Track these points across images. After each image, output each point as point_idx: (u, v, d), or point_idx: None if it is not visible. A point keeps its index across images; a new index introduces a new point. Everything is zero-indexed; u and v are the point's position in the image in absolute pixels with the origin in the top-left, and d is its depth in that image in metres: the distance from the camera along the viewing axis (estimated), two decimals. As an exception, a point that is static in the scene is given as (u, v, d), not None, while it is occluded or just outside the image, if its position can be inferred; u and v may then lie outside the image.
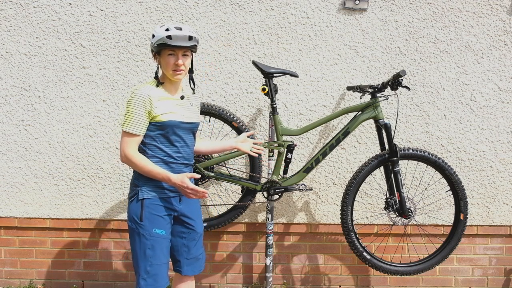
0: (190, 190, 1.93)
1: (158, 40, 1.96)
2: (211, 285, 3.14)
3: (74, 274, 3.14)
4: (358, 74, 2.99)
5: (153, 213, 2.02)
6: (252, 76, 2.99)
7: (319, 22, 2.96)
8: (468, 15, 2.97)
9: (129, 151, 1.97)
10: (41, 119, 3.01)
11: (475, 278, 3.15)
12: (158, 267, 2.04)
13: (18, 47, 2.98)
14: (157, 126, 2.00)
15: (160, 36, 1.95)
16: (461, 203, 2.70)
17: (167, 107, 2.01)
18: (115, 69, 2.98)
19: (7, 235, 3.11)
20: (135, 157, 1.97)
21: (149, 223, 2.01)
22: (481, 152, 3.04)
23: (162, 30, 1.97)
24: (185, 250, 2.17)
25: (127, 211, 2.08)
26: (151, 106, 1.96)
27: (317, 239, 3.12)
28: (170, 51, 1.98)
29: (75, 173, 3.05)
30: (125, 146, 1.98)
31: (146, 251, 2.01)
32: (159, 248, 2.03)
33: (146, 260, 2.02)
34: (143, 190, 2.02)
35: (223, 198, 3.05)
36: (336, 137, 2.67)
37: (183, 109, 2.08)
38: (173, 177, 1.95)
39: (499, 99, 3.02)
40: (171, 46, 1.96)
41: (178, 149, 2.06)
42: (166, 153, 2.04)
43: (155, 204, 2.03)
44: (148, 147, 2.03)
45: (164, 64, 2.00)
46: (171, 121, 2.00)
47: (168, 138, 2.03)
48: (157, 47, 1.97)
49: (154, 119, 1.98)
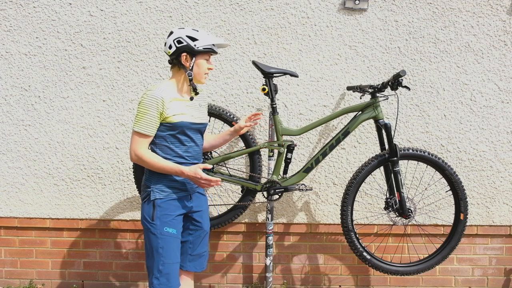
0: (204, 180, 2.01)
1: (206, 45, 2.06)
2: (211, 285, 3.14)
3: (74, 274, 3.14)
4: (358, 74, 2.99)
5: (164, 213, 2.07)
6: (252, 76, 2.99)
7: (319, 22, 2.96)
8: (468, 15, 2.97)
9: (140, 151, 2.03)
10: (41, 119, 3.01)
11: (475, 278, 3.15)
12: (170, 266, 2.08)
13: (18, 47, 2.98)
14: (168, 127, 2.05)
15: (209, 42, 2.06)
16: (461, 203, 2.70)
17: (178, 108, 2.06)
18: (115, 69, 2.98)
19: (7, 235, 3.11)
20: (146, 155, 2.03)
21: (160, 222, 2.06)
22: (481, 152, 3.04)
23: (206, 36, 2.08)
24: (190, 246, 2.22)
25: (141, 212, 2.14)
26: (164, 108, 2.01)
27: (317, 239, 3.12)
28: (207, 57, 2.10)
29: (75, 173, 3.05)
30: (136, 146, 2.03)
31: (158, 249, 2.06)
32: (171, 247, 2.08)
33: (158, 259, 2.07)
34: (155, 191, 2.08)
35: (223, 198, 3.05)
36: (336, 137, 2.67)
37: (193, 110, 2.14)
38: (186, 170, 2.02)
39: (499, 99, 3.02)
40: (214, 52, 2.09)
41: (187, 148, 2.12)
42: (177, 153, 2.09)
43: (167, 204, 2.08)
44: (158, 147, 2.09)
45: (198, 68, 2.10)
46: (182, 122, 2.06)
47: (178, 138, 2.09)
48: (201, 51, 2.05)
49: (165, 120, 2.04)
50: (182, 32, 2.07)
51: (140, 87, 2.99)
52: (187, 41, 2.05)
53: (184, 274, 2.26)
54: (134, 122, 2.03)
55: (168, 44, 2.08)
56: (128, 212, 3.06)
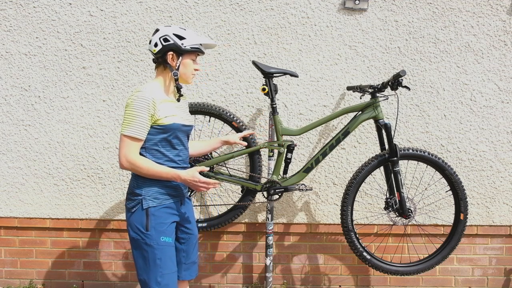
0: (202, 183, 1.91)
1: (193, 45, 1.98)
2: (211, 285, 3.14)
3: (74, 274, 3.14)
4: (358, 74, 2.99)
5: (159, 221, 1.95)
6: (252, 76, 2.99)
7: (319, 22, 2.96)
8: (468, 15, 2.97)
9: (132, 156, 1.89)
10: (41, 119, 3.01)
11: (475, 278, 3.15)
12: (169, 276, 1.97)
13: (18, 47, 2.98)
14: (159, 130, 1.94)
15: (196, 41, 1.98)
16: (461, 203, 2.70)
17: (169, 110, 1.97)
18: (115, 69, 2.98)
19: (7, 235, 3.11)
20: (139, 161, 1.90)
21: (156, 232, 1.94)
22: (481, 152, 3.04)
23: (194, 35, 1.99)
24: (184, 255, 2.13)
25: (128, 222, 1.99)
26: (155, 109, 1.90)
27: (317, 239, 3.12)
28: (194, 57, 2.02)
29: (75, 173, 3.05)
30: (127, 151, 1.89)
31: (156, 261, 1.94)
32: (168, 257, 1.98)
33: (156, 271, 1.94)
34: (147, 199, 1.95)
35: (223, 198, 3.05)
36: (336, 137, 2.67)
37: (181, 111, 2.06)
38: (183, 174, 1.91)
39: (499, 99, 3.02)
40: (200, 52, 2.02)
41: (179, 152, 2.03)
42: (168, 157, 1.99)
43: (160, 211, 1.97)
44: (148, 151, 1.96)
45: (185, 68, 2.01)
46: (174, 124, 1.96)
47: (170, 141, 1.98)
48: (188, 50, 1.97)
49: (156, 122, 1.92)
50: (169, 30, 1.97)
51: (140, 87, 2.99)
52: (174, 40, 1.95)
53: (179, 284, 2.15)
54: (123, 126, 1.88)
55: (154, 42, 1.97)
56: (128, 212, 3.06)
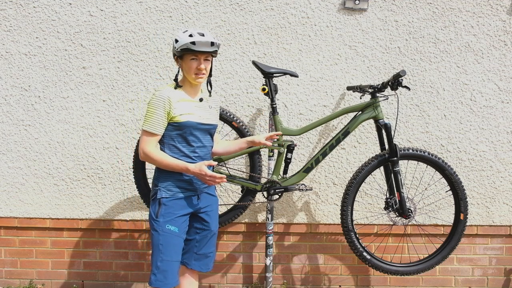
0: (208, 177, 2.03)
1: (182, 45, 2.04)
2: (211, 285, 3.14)
3: (74, 274, 3.14)
4: (358, 74, 2.99)
5: (168, 211, 2.11)
6: (252, 76, 2.99)
7: (319, 22, 2.96)
8: (468, 15, 2.97)
9: (147, 149, 2.07)
10: (41, 119, 3.01)
11: (475, 278, 3.15)
12: (168, 264, 2.10)
13: (18, 47, 2.98)
14: (175, 126, 2.09)
15: (184, 41, 2.04)
16: (461, 203, 2.70)
17: (185, 108, 2.10)
18: (115, 69, 2.98)
19: (7, 235, 3.11)
20: (153, 153, 2.07)
21: (163, 219, 2.10)
22: (481, 152, 3.04)
23: (186, 36, 2.05)
24: (196, 245, 2.25)
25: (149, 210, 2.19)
26: (170, 107, 2.05)
27: (317, 239, 3.12)
28: (193, 56, 2.08)
29: (75, 173, 3.05)
30: (144, 144, 2.08)
31: (158, 246, 2.10)
32: (171, 245, 2.11)
33: (158, 255, 2.10)
34: (161, 190, 2.12)
35: (223, 198, 3.05)
36: (336, 137, 2.67)
37: (201, 110, 2.16)
38: (191, 167, 2.05)
39: (499, 99, 3.02)
40: (195, 52, 2.05)
41: (195, 149, 2.14)
42: (183, 153, 2.12)
43: (172, 202, 2.12)
44: (166, 146, 2.13)
45: (187, 68, 2.09)
46: (188, 121, 2.09)
47: (185, 138, 2.12)
48: (181, 51, 2.06)
49: (172, 119, 2.07)
50: (176, 34, 2.13)
51: (140, 87, 2.99)
52: (173, 43, 2.10)
53: (188, 272, 2.28)
54: (143, 122, 2.08)
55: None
56: (128, 212, 3.06)
